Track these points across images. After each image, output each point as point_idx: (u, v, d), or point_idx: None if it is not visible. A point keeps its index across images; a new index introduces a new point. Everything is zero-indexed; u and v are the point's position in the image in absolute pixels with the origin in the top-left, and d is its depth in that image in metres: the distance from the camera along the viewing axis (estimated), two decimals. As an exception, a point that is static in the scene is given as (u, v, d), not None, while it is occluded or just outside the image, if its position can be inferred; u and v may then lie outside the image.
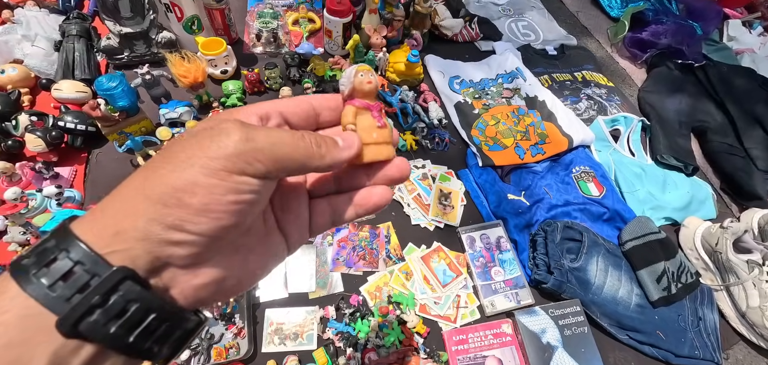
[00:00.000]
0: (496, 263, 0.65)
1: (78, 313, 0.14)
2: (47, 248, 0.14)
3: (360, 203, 0.21)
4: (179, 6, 0.76)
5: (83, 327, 0.14)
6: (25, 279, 0.14)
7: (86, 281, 0.14)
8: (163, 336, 0.16)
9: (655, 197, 0.77)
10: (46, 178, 0.61)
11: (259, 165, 0.16)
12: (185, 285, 0.16)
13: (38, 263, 0.14)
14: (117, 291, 0.14)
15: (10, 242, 0.55)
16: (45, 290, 0.14)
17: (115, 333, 0.14)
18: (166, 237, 0.15)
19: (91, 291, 0.14)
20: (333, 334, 0.56)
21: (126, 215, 0.15)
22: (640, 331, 0.62)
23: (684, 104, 0.93)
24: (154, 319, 0.15)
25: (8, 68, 0.69)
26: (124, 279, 0.14)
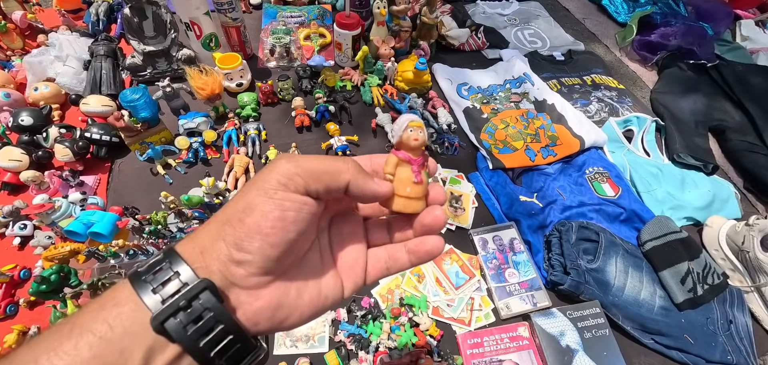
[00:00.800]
0: (510, 265, 0.63)
1: (166, 314, 0.17)
2: (157, 260, 0.18)
3: (414, 250, 0.23)
4: (198, 24, 0.81)
5: (169, 325, 0.17)
6: (137, 281, 0.17)
7: (179, 288, 0.17)
8: (225, 349, 0.18)
9: (675, 197, 0.74)
10: (72, 185, 0.64)
11: (299, 180, 0.18)
12: (247, 307, 0.19)
13: (148, 271, 0.18)
14: (198, 299, 0.17)
15: (37, 245, 0.57)
16: (150, 289, 0.17)
17: (191, 336, 0.17)
18: (231, 255, 0.18)
19: (180, 296, 0.17)
20: (344, 336, 0.55)
21: (207, 236, 0.18)
22: (666, 335, 0.59)
23: (699, 103, 0.91)
24: (221, 330, 0.17)
25: (41, 86, 0.74)
26: (205, 288, 0.17)
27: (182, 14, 0.79)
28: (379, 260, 0.23)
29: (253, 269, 0.18)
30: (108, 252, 0.53)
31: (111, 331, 0.16)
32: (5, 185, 0.65)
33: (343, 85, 0.87)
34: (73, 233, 0.53)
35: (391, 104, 0.86)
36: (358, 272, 0.23)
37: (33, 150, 0.66)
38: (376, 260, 0.24)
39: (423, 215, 0.22)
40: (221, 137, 0.75)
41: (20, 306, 0.54)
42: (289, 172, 0.18)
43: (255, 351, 0.19)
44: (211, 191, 0.56)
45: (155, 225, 0.56)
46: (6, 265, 0.56)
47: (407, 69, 0.86)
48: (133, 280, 0.17)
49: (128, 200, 0.64)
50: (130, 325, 0.16)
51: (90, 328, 0.16)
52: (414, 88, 0.87)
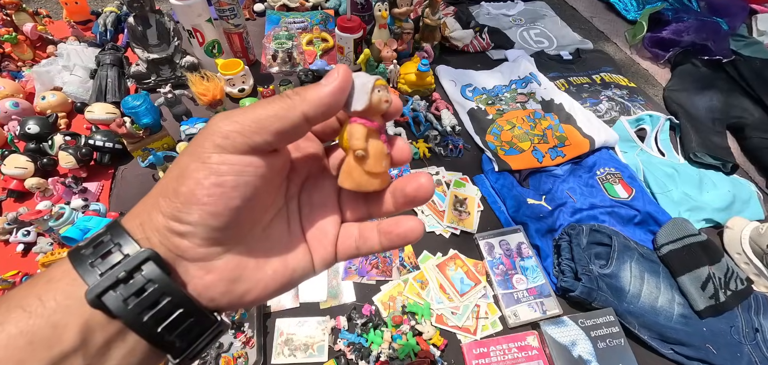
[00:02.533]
0: (517, 271, 0.61)
1: (103, 286, 0.15)
2: (99, 234, 0.17)
3: (386, 231, 0.19)
4: (201, 32, 0.81)
5: (107, 299, 0.15)
6: (75, 256, 0.16)
7: (119, 260, 0.16)
8: (175, 323, 0.16)
9: (692, 198, 0.71)
10: (75, 192, 0.64)
11: (237, 137, 0.15)
12: (198, 281, 0.17)
13: (88, 245, 0.16)
14: (140, 270, 0.16)
15: (39, 252, 0.57)
16: (89, 266, 0.16)
17: (133, 309, 0.15)
18: (170, 227, 0.16)
19: (119, 267, 0.15)
20: (344, 346, 0.53)
21: (144, 208, 0.17)
22: (686, 344, 0.55)
23: (715, 100, 0.88)
24: (168, 302, 0.16)
25: (48, 95, 0.76)
26: (147, 259, 0.16)
27: (185, 22, 0.80)
28: (349, 238, 0.20)
29: (198, 240, 0.16)
30: (106, 258, 0.52)
31: (42, 306, 0.15)
32: (11, 192, 0.65)
33: (345, 88, 0.86)
34: (70, 239, 0.53)
35: (393, 107, 0.84)
36: (327, 247, 0.20)
37: (38, 158, 0.67)
38: (346, 236, 0.20)
39: (405, 181, 0.19)
40: (223, 143, 0.74)
41: (21, 313, 0.54)
42: (224, 130, 0.15)
43: (214, 327, 0.17)
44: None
45: (153, 231, 0.55)
46: (8, 272, 0.56)
47: (410, 71, 0.84)
48: (72, 255, 0.16)
49: (130, 206, 0.63)
50: (63, 299, 0.15)
51: (20, 304, 0.15)
52: (417, 90, 0.86)
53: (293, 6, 1.06)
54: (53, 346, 0.14)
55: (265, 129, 0.16)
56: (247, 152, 0.16)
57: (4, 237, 0.61)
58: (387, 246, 0.20)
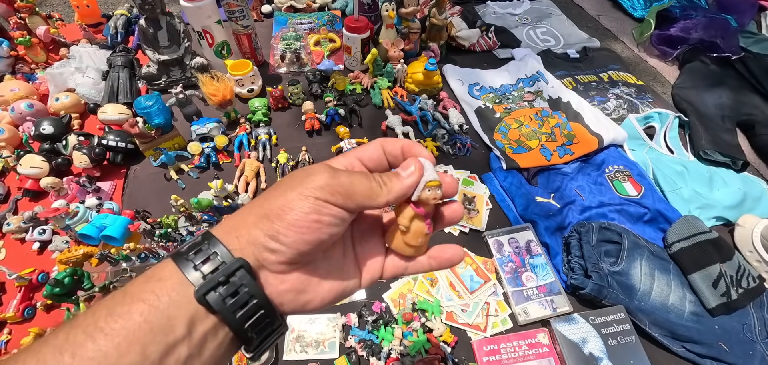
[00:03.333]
0: (527, 269, 0.61)
1: (207, 287, 0.18)
2: (197, 242, 0.20)
3: (434, 256, 0.24)
4: (211, 33, 0.82)
5: (210, 298, 0.18)
6: (180, 260, 0.19)
7: (217, 266, 0.19)
8: (257, 322, 0.20)
9: (702, 196, 0.70)
10: (89, 191, 0.65)
11: (338, 197, 0.20)
12: (274, 288, 0.21)
13: (189, 251, 0.20)
14: (234, 276, 0.19)
15: (54, 250, 0.59)
16: (192, 266, 0.19)
17: (229, 307, 0.19)
18: (266, 244, 0.20)
19: (219, 272, 0.19)
20: (355, 342, 0.53)
21: (243, 224, 0.20)
22: (698, 343, 0.55)
23: (725, 97, 0.87)
24: (254, 304, 0.19)
25: (62, 96, 0.77)
26: (241, 267, 0.19)
27: (195, 24, 0.81)
28: (397, 259, 0.25)
29: (284, 258, 0.20)
30: (120, 255, 0.53)
31: (158, 300, 0.18)
32: (26, 191, 0.67)
33: (353, 88, 0.87)
34: (86, 236, 0.54)
35: (401, 106, 0.85)
36: (375, 268, 0.25)
37: (53, 158, 0.68)
38: (394, 258, 0.25)
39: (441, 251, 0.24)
40: (233, 142, 0.75)
41: (37, 309, 0.55)
42: (330, 187, 0.20)
43: (280, 327, 0.21)
44: (219, 193, 0.56)
45: (166, 228, 0.56)
46: (25, 269, 0.57)
47: (417, 71, 0.85)
48: (176, 258, 0.19)
49: (142, 204, 0.65)
50: (176, 296, 0.18)
51: (140, 297, 0.18)
52: (424, 89, 0.86)
53: (300, 7, 1.07)
54: (168, 333, 0.17)
55: (354, 201, 0.21)
56: (341, 207, 0.20)
57: (21, 235, 0.62)
58: (435, 268, 0.25)
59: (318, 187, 0.20)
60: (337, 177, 0.20)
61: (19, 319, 0.54)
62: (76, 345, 0.16)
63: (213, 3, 0.79)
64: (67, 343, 0.16)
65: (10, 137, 0.72)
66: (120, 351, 0.16)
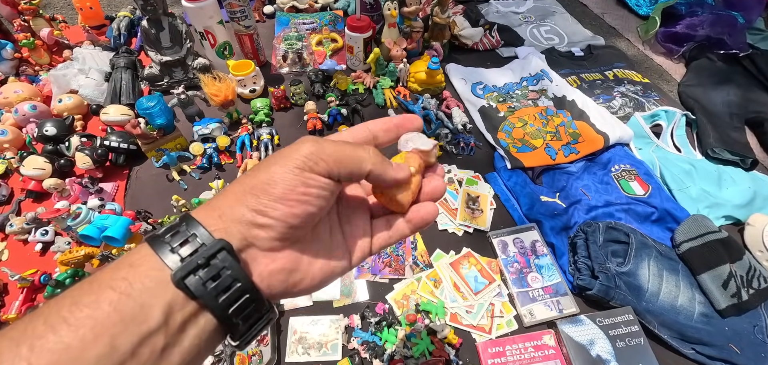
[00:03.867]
0: (532, 269, 0.60)
1: (186, 270, 0.17)
2: (174, 225, 0.19)
3: (410, 218, 0.24)
4: (213, 34, 0.82)
5: (189, 281, 0.17)
6: (156, 243, 0.18)
7: (197, 248, 0.18)
8: (242, 307, 0.18)
9: (711, 195, 0.69)
10: (92, 192, 0.65)
11: (323, 164, 0.19)
12: (263, 267, 0.20)
13: (165, 234, 0.18)
14: (216, 258, 0.18)
15: (56, 251, 0.58)
16: (168, 249, 0.18)
17: (210, 291, 0.17)
18: (253, 220, 0.19)
19: (198, 255, 0.18)
20: (358, 344, 0.53)
21: (227, 202, 0.19)
22: (708, 344, 0.54)
23: (733, 95, 0.86)
24: (238, 288, 0.18)
25: (65, 98, 0.77)
26: (222, 249, 0.18)
27: (197, 24, 0.81)
28: (382, 230, 0.24)
29: (274, 233, 0.19)
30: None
31: (130, 287, 0.16)
32: (29, 192, 0.67)
33: (356, 88, 0.86)
34: (87, 237, 0.54)
35: (404, 106, 0.84)
36: (364, 243, 0.24)
37: (56, 159, 0.68)
38: (379, 229, 0.24)
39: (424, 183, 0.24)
40: (235, 143, 0.75)
41: (40, 310, 0.55)
42: (314, 155, 0.19)
43: (267, 314, 0.20)
44: (223, 194, 0.56)
45: (169, 230, 0.56)
46: (27, 270, 0.57)
47: (420, 70, 0.84)
48: (152, 242, 0.18)
49: (145, 205, 0.65)
50: (149, 282, 0.17)
51: (110, 284, 0.16)
52: (427, 88, 0.86)
53: (302, 7, 1.07)
54: (141, 323, 0.16)
55: (342, 167, 0.20)
56: (327, 175, 0.20)
57: (23, 237, 0.62)
58: (414, 230, 0.24)
59: (303, 157, 0.19)
60: (321, 144, 0.20)
61: (21, 320, 0.54)
62: (34, 337, 0.15)
63: (215, 4, 0.79)
64: (25, 335, 0.15)
65: (13, 138, 0.72)
66: (85, 343, 0.15)
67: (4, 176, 0.71)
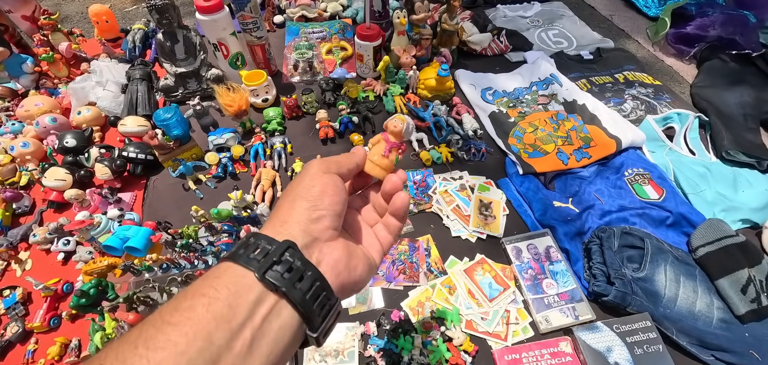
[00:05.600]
0: (547, 275, 0.60)
1: (265, 266, 0.21)
2: (244, 242, 0.23)
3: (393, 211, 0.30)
4: (225, 45, 0.84)
5: (269, 275, 0.21)
6: (234, 256, 0.22)
7: (268, 251, 0.22)
8: (316, 293, 0.22)
9: (727, 198, 0.68)
10: (111, 202, 0.66)
11: (333, 167, 0.27)
12: (329, 257, 0.24)
13: (239, 249, 0.22)
14: (285, 253, 0.22)
15: (78, 260, 0.60)
16: (246, 258, 0.21)
17: (288, 281, 0.21)
18: (310, 216, 0.24)
19: (271, 254, 0.21)
20: (374, 351, 0.53)
21: (284, 210, 0.24)
22: (728, 351, 0.53)
23: (747, 95, 0.85)
24: (309, 276, 0.22)
25: (83, 110, 0.79)
26: (288, 247, 0.22)
27: (210, 36, 0.82)
28: (382, 232, 0.31)
29: (328, 221, 0.24)
30: (142, 266, 0.54)
31: (218, 293, 0.20)
32: (51, 203, 0.68)
33: (366, 95, 0.87)
34: (110, 248, 0.55)
35: (414, 113, 0.85)
36: (376, 243, 0.30)
37: (76, 170, 0.70)
38: (380, 232, 0.31)
39: (384, 183, 0.30)
40: (248, 152, 0.76)
41: (63, 319, 0.56)
42: (324, 165, 0.26)
43: (337, 305, 0.23)
44: (239, 204, 0.57)
45: (187, 239, 0.57)
46: (50, 279, 0.59)
47: (429, 77, 0.85)
48: (232, 257, 0.22)
49: (162, 215, 0.66)
50: (233, 287, 0.20)
51: (201, 292, 0.20)
52: (437, 95, 0.86)
53: (312, 16, 1.09)
54: (231, 320, 0.19)
55: (342, 167, 0.28)
56: (337, 174, 0.27)
57: (46, 246, 0.64)
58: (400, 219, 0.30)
59: (318, 168, 0.26)
60: (326, 160, 0.27)
61: (45, 329, 0.55)
62: (148, 338, 0.18)
63: (228, 15, 0.80)
64: (140, 338, 0.18)
65: (35, 150, 0.74)
66: (188, 339, 0.18)
67: (27, 187, 0.73)
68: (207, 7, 0.77)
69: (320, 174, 0.25)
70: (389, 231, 0.31)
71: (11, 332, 0.55)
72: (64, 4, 1.32)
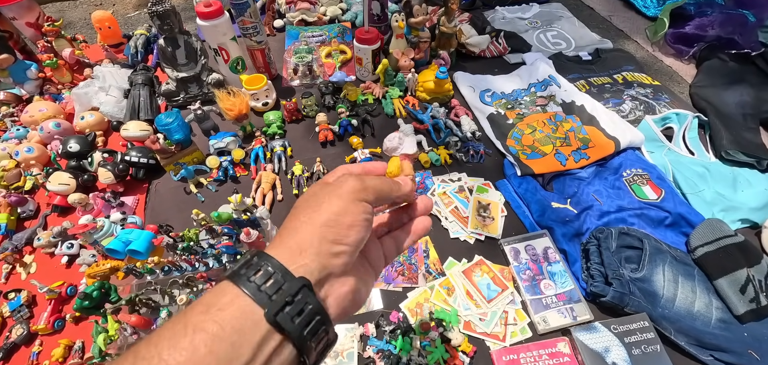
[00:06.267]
0: (545, 276, 0.60)
1: (277, 307, 0.19)
2: (253, 262, 0.21)
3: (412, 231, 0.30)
4: (226, 50, 0.85)
5: (279, 318, 0.19)
6: (241, 281, 0.20)
7: (280, 285, 0.20)
8: (321, 336, 0.21)
9: (726, 198, 0.68)
10: (114, 206, 0.67)
11: (369, 195, 0.24)
12: (338, 291, 0.23)
13: (248, 271, 0.20)
14: (299, 294, 0.20)
15: (82, 264, 0.61)
16: (256, 289, 0.20)
17: (297, 326, 0.20)
18: (331, 250, 0.22)
19: (284, 292, 0.20)
20: (374, 352, 0.54)
21: (305, 238, 0.22)
22: (727, 351, 0.53)
23: (746, 95, 0.85)
24: (318, 320, 0.21)
25: (87, 115, 0.80)
26: (303, 286, 0.20)
27: (211, 41, 0.84)
28: (390, 245, 0.29)
29: (347, 258, 0.23)
30: (144, 269, 0.55)
31: (222, 330, 0.18)
32: (55, 207, 0.69)
33: (365, 98, 0.88)
34: (113, 251, 0.56)
35: (413, 115, 0.85)
36: (380, 257, 0.28)
37: (79, 174, 0.71)
38: (387, 245, 0.29)
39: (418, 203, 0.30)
40: (249, 155, 0.77)
41: (67, 321, 0.57)
42: (363, 189, 0.24)
43: (335, 337, 0.23)
44: (239, 207, 0.58)
45: (188, 242, 0.58)
46: (54, 282, 0.60)
47: (428, 79, 0.85)
48: (237, 281, 0.20)
49: (164, 218, 0.67)
50: (238, 324, 0.19)
51: (203, 327, 0.18)
52: (436, 97, 0.87)
53: (311, 20, 1.09)
54: (233, 360, 0.18)
55: (379, 197, 0.25)
56: (373, 203, 0.24)
57: (50, 250, 0.65)
58: (414, 240, 0.30)
59: (355, 190, 0.23)
60: (363, 179, 0.24)
61: (49, 331, 0.56)
62: None
63: (228, 21, 0.81)
64: None
65: (39, 155, 0.76)
66: None
67: (31, 191, 0.74)
68: (207, 12, 0.78)
69: (354, 201, 0.23)
70: (397, 246, 0.29)
71: (16, 334, 0.56)
72: (67, 10, 1.34)
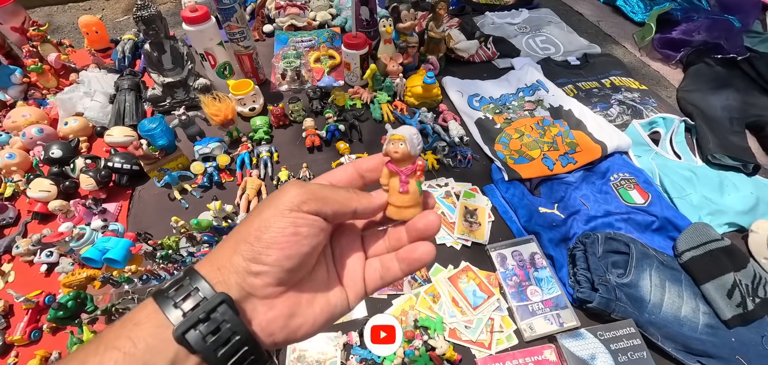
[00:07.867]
0: (531, 282, 0.59)
1: (187, 325, 0.18)
2: (179, 279, 0.20)
3: (403, 258, 0.23)
4: (213, 55, 0.84)
5: (190, 336, 0.18)
6: (160, 297, 0.19)
7: (198, 302, 0.19)
8: (241, 359, 0.19)
9: (713, 201, 0.68)
10: (95, 213, 0.66)
11: (311, 204, 0.20)
12: (262, 316, 0.20)
13: (170, 289, 0.19)
14: (216, 312, 0.18)
15: (61, 272, 0.59)
16: (171, 305, 0.18)
17: (210, 346, 0.18)
18: (248, 268, 0.19)
19: (200, 309, 0.18)
20: (357, 362, 0.53)
21: (224, 253, 0.20)
22: (714, 356, 0.53)
23: (732, 99, 0.85)
24: (237, 341, 0.19)
25: (71, 120, 0.79)
26: (222, 302, 0.19)
27: (198, 46, 0.83)
28: (374, 271, 0.24)
29: (269, 279, 0.20)
30: (122, 278, 0.54)
31: (134, 347, 0.17)
32: (35, 214, 0.68)
33: (353, 103, 0.87)
34: (89, 259, 0.55)
35: (401, 120, 0.85)
36: (358, 283, 0.24)
37: (61, 181, 0.69)
38: (371, 270, 0.24)
39: (415, 220, 0.23)
40: (235, 161, 0.76)
41: (44, 331, 0.56)
42: (301, 197, 0.20)
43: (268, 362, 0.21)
44: (219, 214, 0.57)
45: (167, 250, 0.57)
46: (32, 292, 0.58)
47: (416, 84, 0.85)
48: (157, 297, 0.19)
49: (147, 225, 0.66)
50: (152, 340, 0.18)
51: (114, 345, 0.17)
52: (424, 102, 0.86)
53: (301, 25, 1.09)
54: None
55: (328, 206, 0.21)
56: (316, 214, 0.20)
57: (29, 258, 0.63)
58: (406, 271, 0.23)
59: (290, 200, 0.20)
60: (306, 187, 0.21)
61: (25, 342, 0.55)
62: None
63: (215, 26, 0.81)
64: None
65: (21, 161, 0.74)
66: None
67: (12, 198, 0.73)
68: (194, 17, 0.77)
69: (286, 211, 0.19)
70: (384, 276, 0.24)
71: (-10, 345, 0.54)
72: (56, 14, 1.33)
